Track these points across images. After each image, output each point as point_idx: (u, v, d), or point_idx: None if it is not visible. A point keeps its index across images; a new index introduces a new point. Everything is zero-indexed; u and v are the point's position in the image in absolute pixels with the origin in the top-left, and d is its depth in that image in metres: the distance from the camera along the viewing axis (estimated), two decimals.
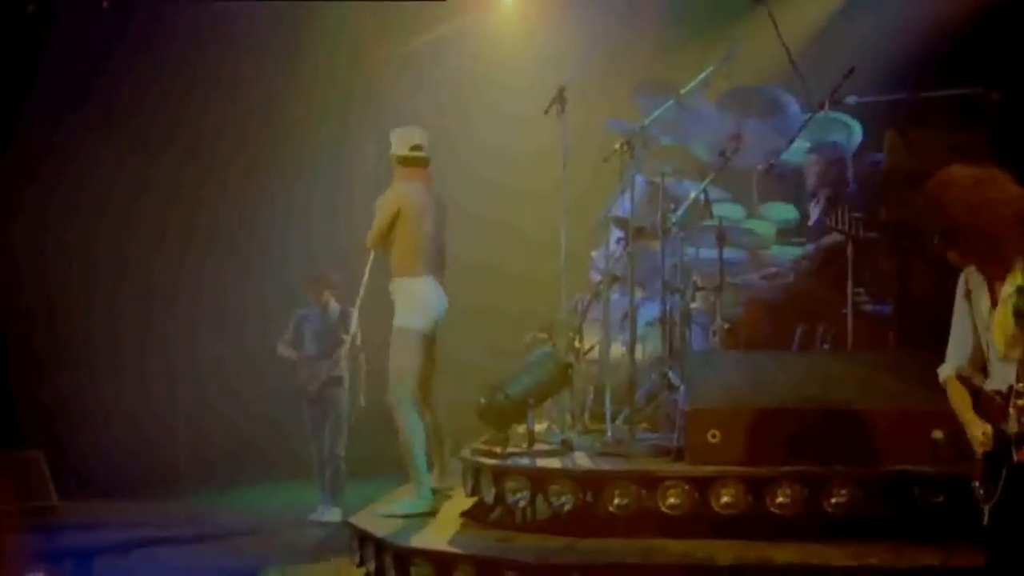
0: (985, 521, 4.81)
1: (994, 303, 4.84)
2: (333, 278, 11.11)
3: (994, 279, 4.86)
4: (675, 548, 6.79)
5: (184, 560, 9.11)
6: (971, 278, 4.97)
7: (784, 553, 6.57)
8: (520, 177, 11.76)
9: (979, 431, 4.83)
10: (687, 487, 6.99)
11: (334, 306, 11.06)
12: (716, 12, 11.12)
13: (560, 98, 8.53)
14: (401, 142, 8.38)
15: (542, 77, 11.59)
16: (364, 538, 7.82)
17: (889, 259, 8.40)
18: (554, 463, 7.63)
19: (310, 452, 10.93)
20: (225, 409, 12.74)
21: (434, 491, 8.17)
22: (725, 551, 6.66)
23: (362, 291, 9.37)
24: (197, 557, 9.19)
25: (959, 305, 5.01)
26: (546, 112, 8.57)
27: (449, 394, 9.28)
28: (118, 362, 12.75)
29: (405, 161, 8.34)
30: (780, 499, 6.87)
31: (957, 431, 5.00)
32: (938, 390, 5.07)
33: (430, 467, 8.21)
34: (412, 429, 8.08)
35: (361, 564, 7.83)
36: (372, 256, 8.72)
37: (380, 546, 7.50)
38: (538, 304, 9.79)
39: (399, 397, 8.09)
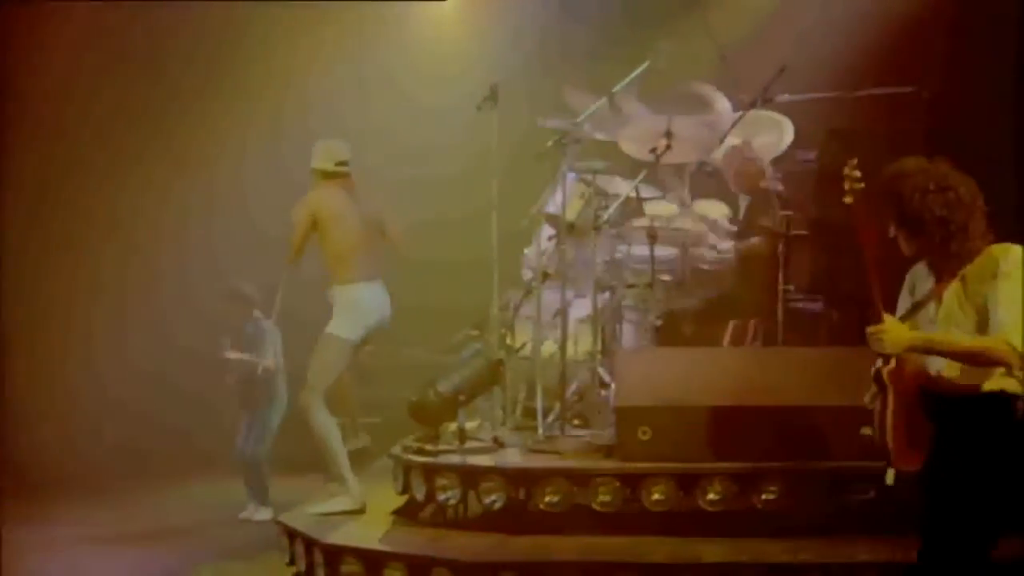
0: (888, 481, 4.94)
1: (939, 299, 4.88)
2: (247, 290, 10.89)
3: (943, 273, 4.90)
4: (606, 545, 6.81)
5: (112, 560, 8.99)
6: (917, 273, 5.04)
7: (716, 549, 6.60)
8: (451, 174, 11.72)
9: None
10: (618, 484, 7.01)
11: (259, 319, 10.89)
12: (648, 10, 11.14)
13: (492, 95, 8.52)
14: (326, 156, 8.31)
15: (474, 74, 11.64)
16: (293, 536, 7.76)
17: (820, 257, 8.44)
18: (485, 460, 7.61)
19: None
20: (156, 406, 12.59)
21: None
22: (657, 547, 6.68)
23: (278, 303, 9.28)
24: (125, 556, 9.07)
25: (902, 300, 5.06)
26: (479, 109, 8.56)
27: (384, 392, 9.30)
28: (40, 358, 12.56)
29: (328, 175, 8.30)
30: (711, 496, 6.91)
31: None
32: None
33: None
34: (327, 429, 8.07)
35: (291, 563, 7.76)
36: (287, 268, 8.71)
37: (310, 544, 7.44)
38: (469, 301, 9.76)
39: (312, 399, 8.07)
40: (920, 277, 5.03)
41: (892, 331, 4.75)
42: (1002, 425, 4.72)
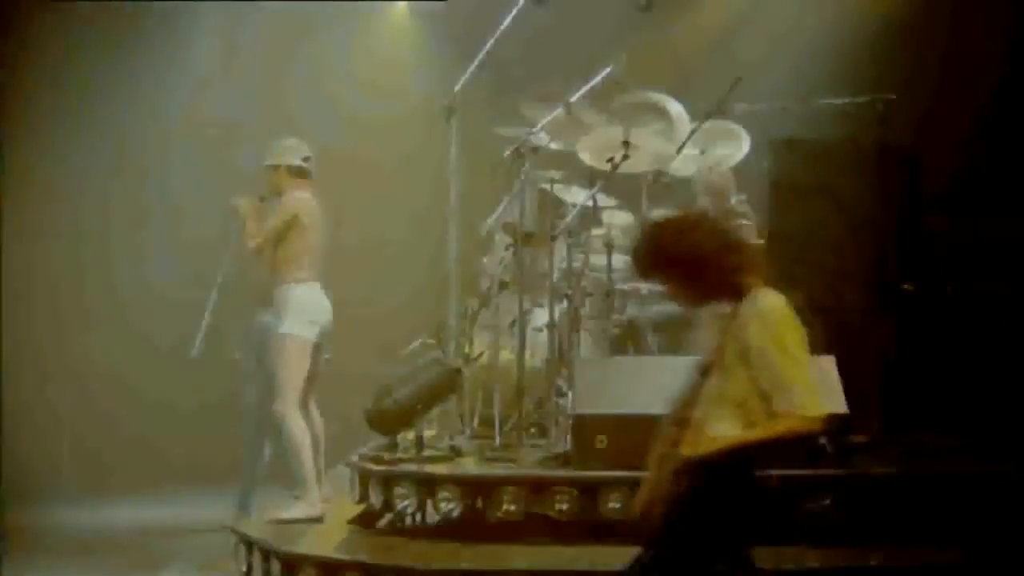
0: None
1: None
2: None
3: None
4: (563, 553, 6.82)
5: (66, 572, 8.97)
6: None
7: None
8: (407, 182, 11.75)
9: None
10: (575, 492, 7.01)
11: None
12: (605, 19, 11.19)
13: (450, 106, 8.57)
14: (290, 153, 8.36)
15: (426, 86, 11.68)
16: (250, 545, 7.74)
17: (775, 266, 8.47)
18: (443, 469, 7.60)
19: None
20: (117, 413, 12.51)
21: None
22: (613, 556, 6.67)
23: (214, 296, 9.16)
24: (81, 569, 9.05)
25: None
26: (441, 119, 8.63)
27: (337, 400, 9.23)
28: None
29: (298, 172, 8.33)
30: None
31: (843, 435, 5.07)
32: (830, 394, 5.14)
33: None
34: (302, 436, 8.07)
35: (248, 572, 7.74)
36: (227, 264, 8.69)
37: (267, 553, 7.43)
38: (427, 310, 9.77)
39: (286, 407, 8.09)
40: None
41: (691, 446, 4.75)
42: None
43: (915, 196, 8.84)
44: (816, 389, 4.72)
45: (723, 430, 4.72)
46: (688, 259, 4.78)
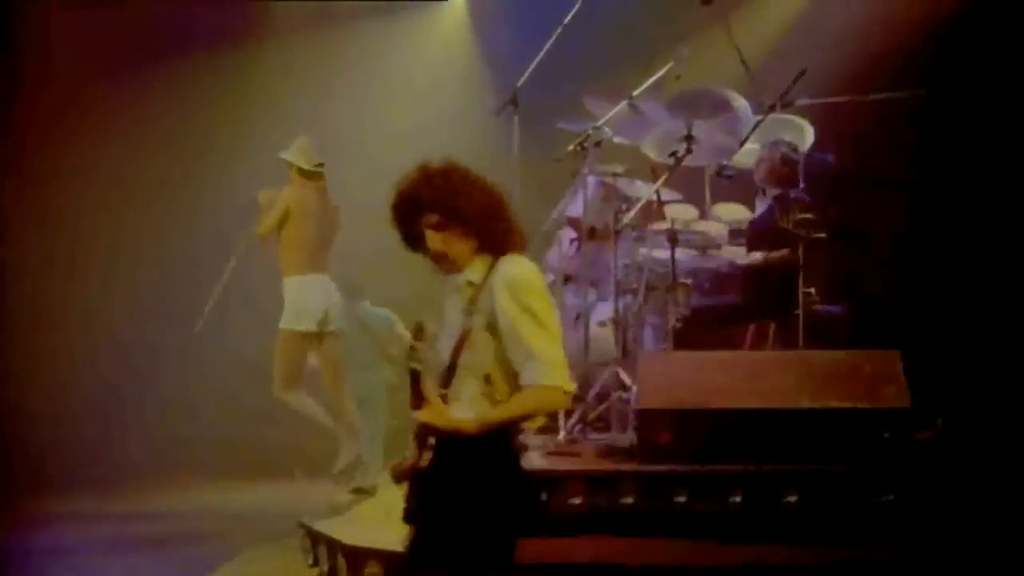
0: None
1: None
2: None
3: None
4: (626, 547, 6.81)
5: (143, 560, 9.06)
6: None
7: (737, 552, 6.60)
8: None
9: None
10: (639, 486, 7.01)
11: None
12: (668, 13, 11.17)
13: (513, 99, 8.60)
14: (305, 155, 8.89)
15: (484, 81, 11.68)
16: (317, 539, 7.80)
17: (839, 259, 8.45)
18: None
19: None
20: (195, 400, 12.60)
21: (358, 490, 8.80)
22: (677, 550, 6.69)
23: (225, 280, 9.43)
24: (157, 557, 9.14)
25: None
26: (498, 114, 8.66)
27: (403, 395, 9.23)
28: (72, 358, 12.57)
29: (306, 174, 8.69)
30: (732, 499, 6.90)
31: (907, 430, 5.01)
32: (889, 389, 5.09)
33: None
34: (306, 408, 8.93)
35: (315, 564, 7.81)
36: (233, 261, 9.07)
37: (332, 547, 7.49)
38: None
39: (280, 392, 8.98)
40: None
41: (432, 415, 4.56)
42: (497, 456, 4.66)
43: (980, 190, 8.78)
44: (565, 363, 4.62)
45: (463, 409, 4.60)
46: (474, 205, 4.70)
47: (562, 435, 8.07)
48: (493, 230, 4.72)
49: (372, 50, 12.92)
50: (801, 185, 8.67)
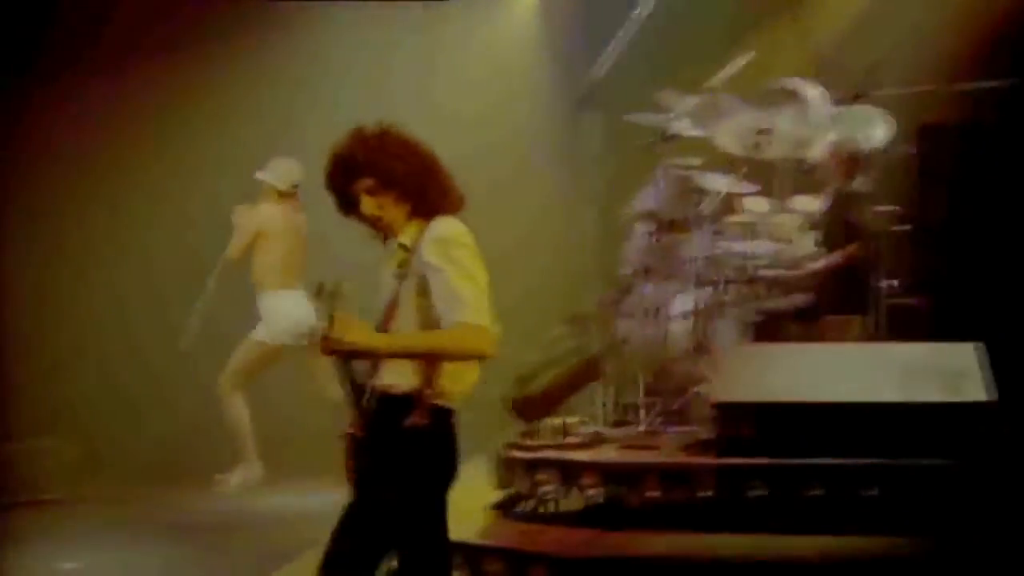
0: None
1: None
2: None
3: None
4: (706, 541, 6.79)
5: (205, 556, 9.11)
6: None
7: (816, 545, 6.56)
8: (542, 171, 11.76)
9: None
10: (718, 480, 6.99)
11: None
12: (743, 5, 11.11)
13: (591, 95, 8.61)
14: (282, 176, 9.11)
15: (557, 75, 11.65)
16: None
17: (920, 252, 8.39)
18: (585, 456, 7.61)
19: None
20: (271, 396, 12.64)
21: None
22: (754, 545, 6.66)
23: (207, 293, 9.55)
24: (221, 553, 9.18)
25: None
26: (578, 110, 8.67)
27: (480, 388, 9.26)
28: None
29: (282, 195, 8.82)
30: (812, 492, 6.86)
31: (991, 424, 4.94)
32: (973, 382, 5.04)
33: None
34: (238, 414, 9.30)
35: None
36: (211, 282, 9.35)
37: None
38: (566, 296, 9.80)
39: (225, 387, 9.35)
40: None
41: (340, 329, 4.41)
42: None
43: None
44: (491, 314, 4.50)
45: (392, 376, 4.54)
46: (409, 168, 4.63)
47: (640, 428, 8.06)
48: (427, 194, 4.66)
49: (444, 41, 12.93)
50: (869, 177, 8.60)
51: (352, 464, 4.66)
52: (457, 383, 4.60)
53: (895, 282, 8.16)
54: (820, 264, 8.48)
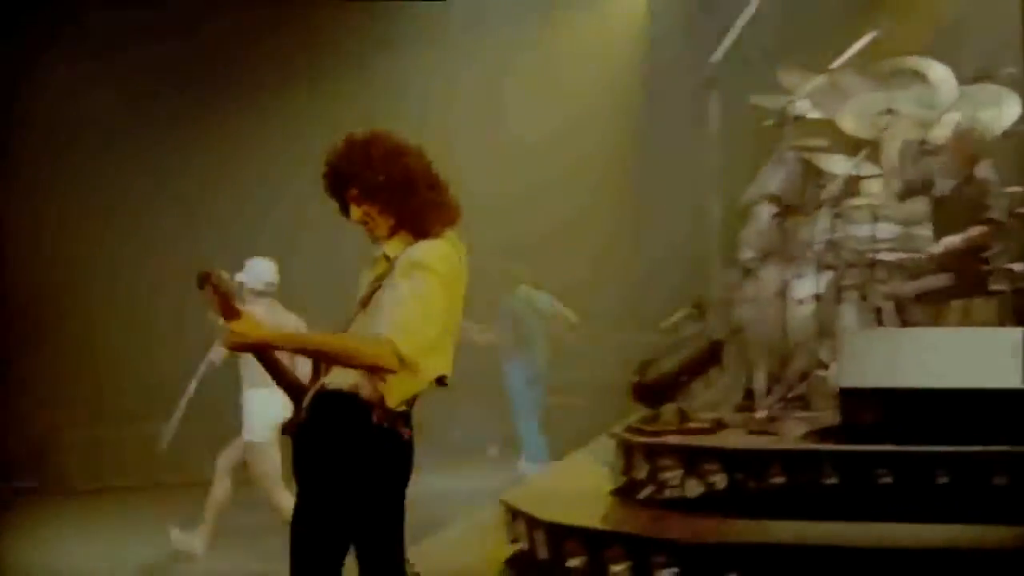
0: None
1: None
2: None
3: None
4: (830, 528, 6.73)
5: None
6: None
7: (943, 534, 6.48)
8: (667, 156, 11.72)
9: None
10: (842, 466, 6.91)
11: None
12: None
13: (710, 77, 8.55)
14: (257, 277, 9.07)
15: (677, 58, 11.59)
16: (516, 514, 7.87)
17: None
18: (706, 441, 7.60)
19: None
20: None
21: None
22: (881, 531, 6.59)
23: (187, 396, 9.51)
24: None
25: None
26: (704, 89, 8.63)
27: (593, 372, 9.29)
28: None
29: (259, 294, 9.09)
30: (939, 480, 6.76)
31: None
32: None
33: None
34: (223, 496, 9.25)
35: (514, 540, 7.88)
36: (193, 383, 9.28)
37: (532, 523, 7.54)
38: (686, 280, 9.76)
39: (223, 467, 9.33)
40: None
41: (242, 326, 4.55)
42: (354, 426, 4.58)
43: None
44: (426, 340, 4.49)
45: (342, 376, 4.57)
46: (390, 181, 4.63)
47: (762, 414, 8.01)
48: (409, 207, 4.67)
49: (559, 27, 12.97)
50: (993, 158, 8.44)
51: (294, 454, 4.73)
52: (394, 388, 4.58)
53: (1020, 265, 8.01)
54: (941, 248, 8.33)
